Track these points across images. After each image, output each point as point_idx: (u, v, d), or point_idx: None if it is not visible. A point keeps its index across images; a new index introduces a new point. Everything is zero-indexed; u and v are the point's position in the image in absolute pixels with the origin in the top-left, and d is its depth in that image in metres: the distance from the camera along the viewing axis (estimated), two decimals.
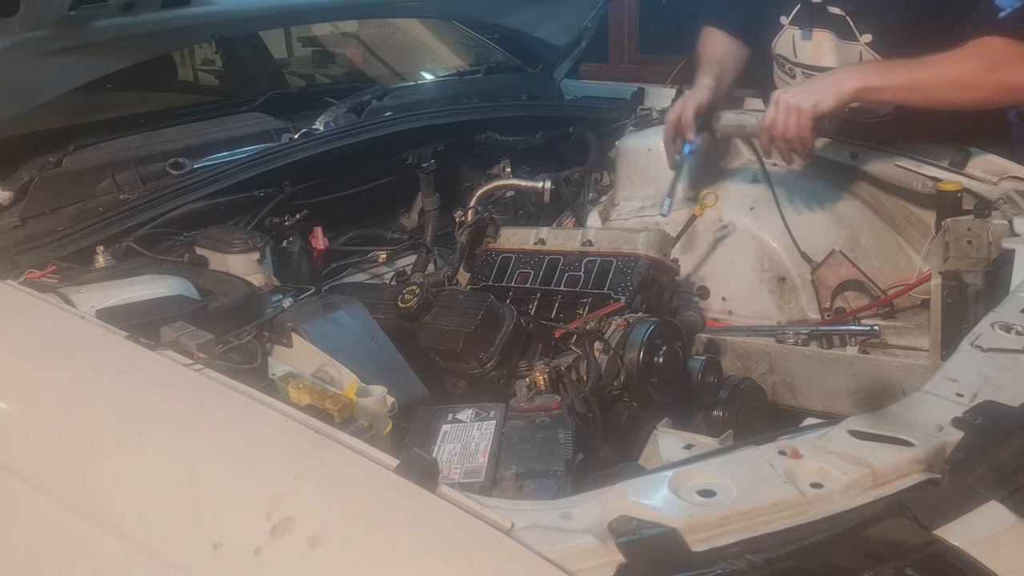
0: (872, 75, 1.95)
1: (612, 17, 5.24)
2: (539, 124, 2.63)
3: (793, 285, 2.18)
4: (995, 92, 1.95)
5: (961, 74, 1.92)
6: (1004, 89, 1.95)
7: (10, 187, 1.76)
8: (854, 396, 1.99)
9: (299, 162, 2.02)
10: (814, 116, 1.92)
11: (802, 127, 1.93)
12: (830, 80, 1.97)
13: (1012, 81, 1.92)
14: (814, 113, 1.92)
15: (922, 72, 1.93)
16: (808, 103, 1.92)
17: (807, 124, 1.93)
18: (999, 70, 1.91)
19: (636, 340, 1.69)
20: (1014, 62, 1.91)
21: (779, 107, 1.96)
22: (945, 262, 1.89)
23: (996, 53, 1.92)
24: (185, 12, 1.98)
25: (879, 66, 2.02)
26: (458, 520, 0.94)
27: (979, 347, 1.33)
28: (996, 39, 1.92)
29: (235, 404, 1.15)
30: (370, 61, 3.15)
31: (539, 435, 1.33)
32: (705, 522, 0.95)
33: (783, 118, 1.95)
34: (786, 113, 1.94)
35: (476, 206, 2.23)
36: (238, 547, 0.98)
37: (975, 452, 1.06)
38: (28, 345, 1.35)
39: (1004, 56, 1.91)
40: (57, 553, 1.13)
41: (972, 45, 1.93)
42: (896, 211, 2.31)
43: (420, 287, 1.77)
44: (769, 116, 1.99)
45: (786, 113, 1.94)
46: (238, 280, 1.62)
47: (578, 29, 2.87)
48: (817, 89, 1.96)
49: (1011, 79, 1.92)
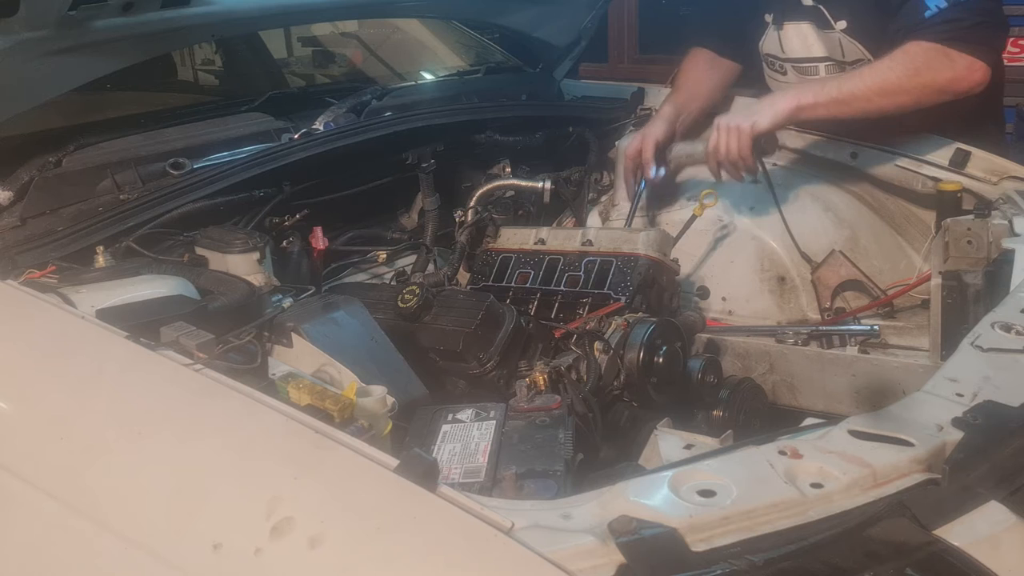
0: (804, 94, 2.06)
1: (612, 17, 5.25)
2: (539, 124, 2.63)
3: (793, 285, 2.18)
4: (923, 95, 2.02)
5: (886, 82, 2.02)
6: (931, 91, 2.02)
7: (10, 187, 1.76)
8: (854, 396, 1.99)
9: (299, 162, 2.01)
10: (752, 136, 2.05)
11: (742, 147, 2.06)
12: (766, 102, 2.09)
13: (937, 82, 2.00)
14: (752, 132, 2.05)
15: (850, 85, 2.04)
16: (746, 124, 2.05)
17: (747, 144, 2.05)
18: (922, 74, 2.00)
19: (636, 340, 1.69)
20: (935, 64, 1.99)
21: (720, 131, 2.09)
22: (945, 262, 1.89)
23: (918, 57, 2.01)
24: (185, 12, 1.98)
25: (811, 85, 2.13)
26: (458, 520, 0.94)
27: (979, 347, 1.33)
28: (918, 44, 2.01)
29: (235, 404, 1.15)
30: (370, 61, 3.15)
31: (539, 435, 1.33)
32: (705, 522, 0.95)
33: (724, 141, 2.08)
34: (727, 135, 2.07)
35: (476, 206, 2.23)
36: (238, 547, 0.98)
37: (975, 452, 1.06)
38: (28, 345, 1.35)
39: (926, 59, 2.00)
40: (57, 553, 1.13)
41: (896, 52, 2.04)
42: (896, 211, 2.31)
43: (420, 287, 1.77)
44: (712, 141, 2.11)
45: (727, 135, 2.07)
46: (238, 280, 1.62)
47: (578, 29, 2.86)
48: (754, 111, 2.08)
49: (936, 80, 2.00)
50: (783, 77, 2.36)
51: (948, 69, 1.98)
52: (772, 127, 2.07)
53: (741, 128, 2.05)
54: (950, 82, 1.99)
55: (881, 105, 2.05)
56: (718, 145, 2.09)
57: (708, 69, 2.52)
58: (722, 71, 2.53)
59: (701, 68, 2.53)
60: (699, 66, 2.53)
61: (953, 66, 1.98)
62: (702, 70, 2.52)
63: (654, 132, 2.31)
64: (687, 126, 2.42)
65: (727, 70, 2.53)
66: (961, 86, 2.00)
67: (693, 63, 2.55)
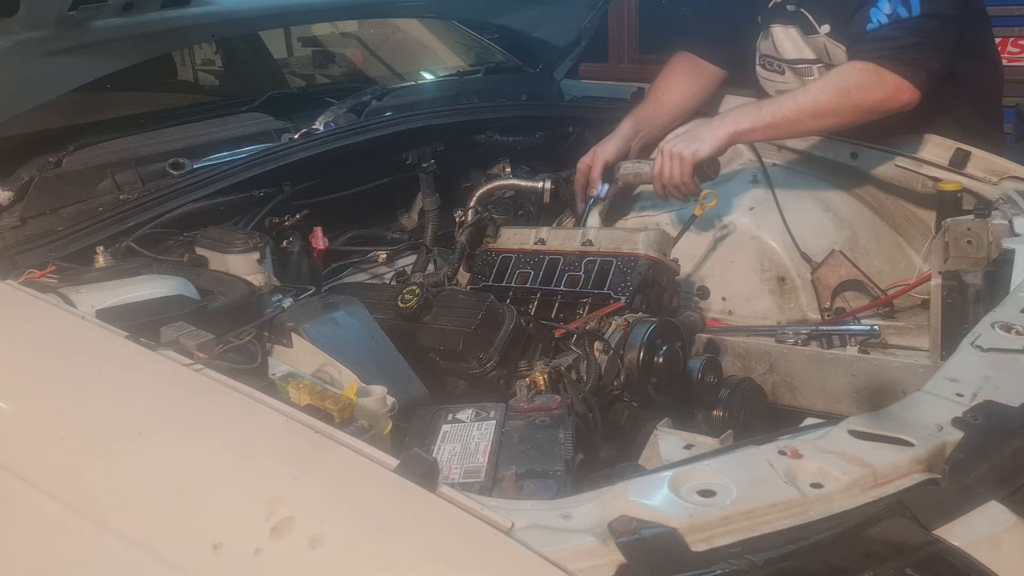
0: (741, 120, 2.11)
1: (612, 17, 5.25)
2: (539, 124, 2.63)
3: (793, 285, 2.18)
4: (854, 115, 2.07)
5: (818, 105, 2.06)
6: (862, 112, 2.06)
7: (10, 187, 1.76)
8: (854, 396, 1.99)
9: (299, 162, 2.01)
10: (693, 163, 2.10)
11: (684, 174, 2.11)
12: (707, 128, 2.13)
13: (866, 103, 2.04)
14: (693, 160, 2.09)
15: (784, 110, 2.08)
16: (688, 151, 2.10)
17: (688, 171, 2.10)
18: (852, 95, 2.04)
19: (636, 340, 1.69)
20: (865, 85, 2.02)
21: (663, 156, 2.14)
22: (945, 262, 1.89)
23: (850, 78, 2.05)
24: (185, 12, 1.98)
25: (748, 109, 2.16)
26: (458, 520, 0.94)
27: (979, 347, 1.33)
28: (852, 64, 2.07)
29: (235, 404, 1.15)
30: (370, 61, 3.15)
31: (539, 435, 1.33)
32: (705, 522, 0.95)
33: (668, 166, 2.13)
34: (670, 161, 2.12)
35: (476, 206, 2.23)
36: (238, 547, 0.98)
37: (975, 452, 1.06)
38: (28, 345, 1.35)
39: (857, 80, 2.03)
40: (57, 553, 1.13)
41: (831, 73, 2.11)
42: (896, 211, 2.31)
43: (420, 287, 1.77)
44: (657, 165, 2.16)
45: (670, 161, 2.12)
46: (238, 280, 1.61)
47: (578, 29, 2.86)
48: (696, 136, 2.12)
49: (865, 101, 2.03)
50: (781, 77, 2.37)
51: (878, 89, 2.01)
52: (712, 154, 2.11)
53: (683, 156, 2.10)
54: (879, 103, 2.02)
55: (813, 127, 2.13)
56: (663, 169, 2.14)
57: (685, 78, 2.52)
58: (701, 79, 2.53)
59: (676, 78, 2.53)
60: (675, 76, 2.54)
61: (883, 86, 2.00)
62: (677, 80, 2.53)
63: (604, 151, 2.34)
64: (648, 140, 2.43)
65: (707, 77, 2.53)
66: (890, 106, 2.03)
67: (671, 71, 2.55)
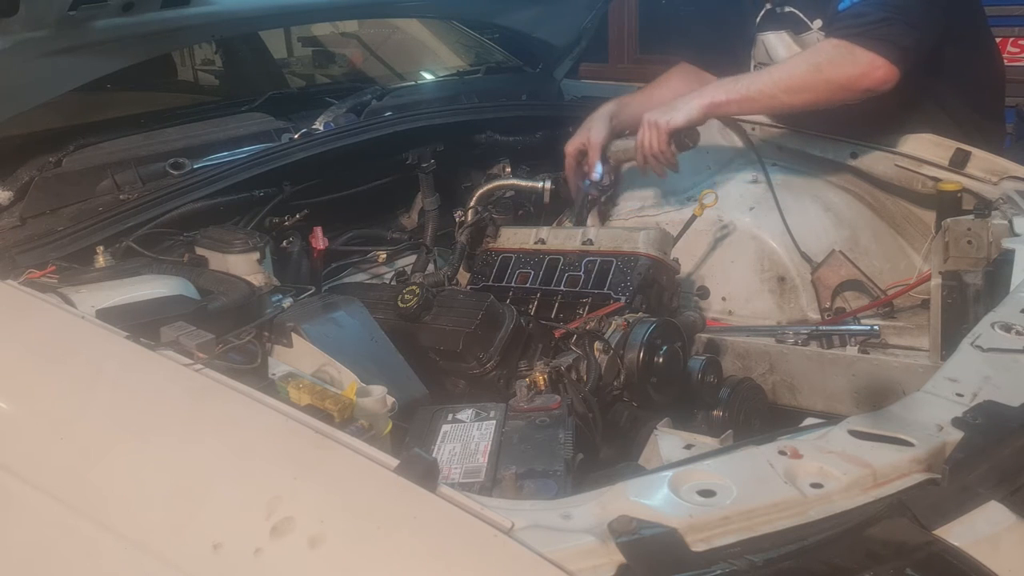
0: (717, 92, 2.13)
1: (612, 17, 5.25)
2: (539, 124, 2.63)
3: (793, 285, 2.18)
4: (828, 92, 2.05)
5: (791, 80, 2.06)
6: (835, 87, 2.04)
7: (10, 187, 1.76)
8: (854, 396, 1.99)
9: (299, 162, 2.02)
10: (668, 131, 2.13)
11: (661, 141, 2.15)
12: (684, 99, 2.16)
13: (839, 79, 2.02)
14: (668, 128, 2.13)
15: (759, 83, 2.09)
16: (663, 120, 2.13)
17: (664, 139, 2.14)
18: (824, 70, 2.03)
19: (636, 340, 1.69)
20: (838, 61, 2.01)
21: (644, 125, 2.18)
22: (945, 262, 1.89)
23: (822, 54, 2.05)
24: (185, 12, 1.98)
25: (726, 82, 2.17)
26: (458, 520, 0.94)
27: (979, 347, 1.32)
28: (828, 41, 2.07)
29: (235, 404, 1.15)
30: (370, 61, 3.15)
31: (539, 435, 1.33)
32: (705, 522, 0.95)
33: (647, 135, 2.17)
34: (648, 132, 2.16)
35: (476, 206, 2.23)
36: (238, 547, 0.98)
37: (975, 452, 1.06)
38: (28, 345, 1.35)
39: (829, 57, 2.03)
40: (57, 553, 1.13)
41: (807, 50, 2.13)
42: (896, 211, 2.31)
43: (420, 287, 1.77)
44: (639, 135, 2.20)
45: (648, 132, 2.16)
46: (238, 280, 1.62)
47: (578, 29, 2.87)
48: (673, 107, 2.15)
49: (838, 77, 2.02)
50: None
51: (850, 65, 2.00)
52: (687, 123, 2.13)
53: (659, 124, 2.13)
54: (852, 79, 2.01)
55: (787, 102, 2.11)
56: (643, 139, 2.18)
57: (683, 80, 2.52)
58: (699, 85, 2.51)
59: (673, 80, 2.54)
60: (671, 78, 2.55)
61: (855, 62, 1.99)
62: (673, 81, 2.54)
63: (596, 135, 2.35)
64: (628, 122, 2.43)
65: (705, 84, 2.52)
66: (863, 83, 2.00)
67: (669, 75, 2.57)
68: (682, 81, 2.52)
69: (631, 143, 2.25)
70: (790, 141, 2.39)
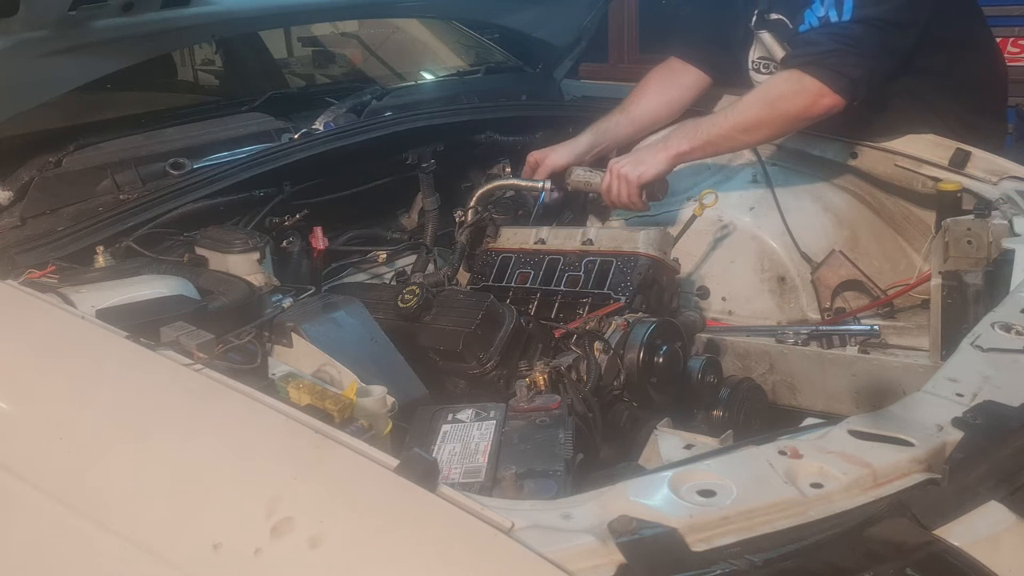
0: (680, 142, 2.16)
1: (612, 17, 5.25)
2: (539, 124, 2.63)
3: (793, 285, 2.18)
4: (783, 125, 2.13)
5: (747, 120, 2.11)
6: (789, 120, 2.10)
7: (10, 187, 1.76)
8: (854, 396, 1.99)
9: (299, 162, 2.02)
10: (639, 185, 2.17)
11: (631, 195, 2.18)
12: (651, 151, 2.20)
13: (792, 112, 2.07)
14: (639, 183, 2.16)
15: (718, 127, 2.13)
16: (634, 174, 2.16)
17: (635, 192, 2.17)
18: (777, 106, 2.08)
19: (636, 340, 1.69)
20: (789, 94, 2.06)
21: (612, 175, 2.20)
22: (945, 262, 1.89)
23: (774, 89, 2.11)
24: (185, 12, 1.98)
25: (688, 130, 2.19)
26: (458, 520, 0.94)
27: (979, 347, 1.32)
28: (779, 74, 2.13)
29: (235, 404, 1.15)
30: (370, 61, 3.15)
31: (539, 435, 1.33)
32: (705, 522, 0.95)
33: (616, 186, 2.20)
34: (618, 182, 2.19)
35: (476, 206, 2.23)
36: (238, 547, 0.98)
37: (975, 452, 1.06)
38: (28, 345, 1.35)
39: (780, 91, 2.09)
40: (57, 553, 1.13)
41: (759, 87, 2.18)
42: (896, 211, 2.31)
43: (420, 287, 1.77)
44: (606, 182, 2.22)
45: (618, 182, 2.19)
46: (238, 280, 1.62)
47: (578, 29, 2.87)
48: (641, 159, 2.19)
49: (789, 110, 2.07)
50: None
51: (800, 97, 2.04)
52: (656, 177, 2.16)
53: (629, 179, 2.16)
54: (803, 110, 2.05)
55: (746, 140, 2.19)
56: (611, 188, 2.20)
57: (659, 88, 2.51)
58: (678, 89, 2.52)
59: (650, 89, 2.53)
60: (648, 86, 2.53)
61: (805, 93, 2.03)
62: (651, 91, 2.52)
63: (555, 157, 2.36)
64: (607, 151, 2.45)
65: (686, 87, 2.52)
66: (813, 112, 2.05)
67: (646, 82, 2.55)
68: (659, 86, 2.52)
69: (595, 179, 2.27)
70: (790, 141, 2.39)
